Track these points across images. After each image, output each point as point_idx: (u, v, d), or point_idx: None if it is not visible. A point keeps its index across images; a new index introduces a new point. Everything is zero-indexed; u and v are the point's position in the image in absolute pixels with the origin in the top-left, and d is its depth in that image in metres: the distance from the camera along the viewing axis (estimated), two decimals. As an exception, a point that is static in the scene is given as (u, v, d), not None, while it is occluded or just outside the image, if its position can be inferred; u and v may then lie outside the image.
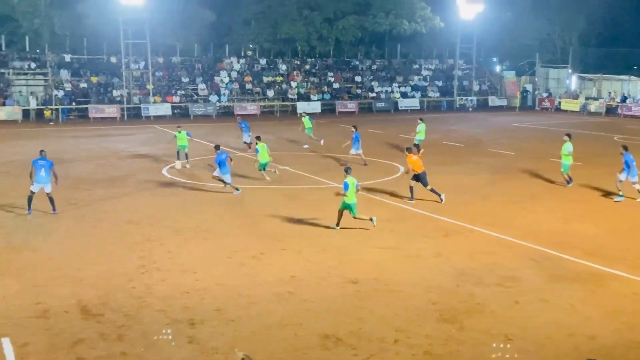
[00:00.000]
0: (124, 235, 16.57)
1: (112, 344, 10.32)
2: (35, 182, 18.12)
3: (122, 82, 50.78)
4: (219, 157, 21.08)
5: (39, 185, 18.19)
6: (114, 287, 12.73)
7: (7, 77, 49.29)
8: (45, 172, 18.20)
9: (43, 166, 18.25)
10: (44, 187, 18.25)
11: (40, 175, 18.12)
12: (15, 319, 11.22)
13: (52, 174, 18.37)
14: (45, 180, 18.19)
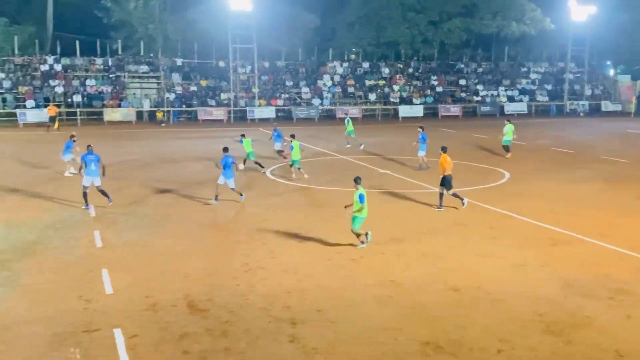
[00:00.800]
0: (228, 234, 17.05)
1: (216, 339, 10.63)
2: (86, 175, 19.25)
3: (229, 86, 52.33)
4: (225, 160, 19.93)
5: (89, 178, 19.27)
6: (219, 284, 13.11)
7: (122, 80, 51.94)
8: (95, 166, 19.30)
9: (92, 160, 19.35)
10: (94, 180, 19.33)
11: (91, 169, 19.26)
12: (127, 311, 11.77)
13: (101, 167, 19.45)
14: (95, 174, 19.33)
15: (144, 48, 55.28)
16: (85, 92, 49.83)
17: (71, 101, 48.65)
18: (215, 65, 55.86)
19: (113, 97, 49.82)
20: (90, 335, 10.74)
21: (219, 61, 55.68)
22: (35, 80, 49.94)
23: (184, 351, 10.20)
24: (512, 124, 30.70)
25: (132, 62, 54.11)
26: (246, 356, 10.10)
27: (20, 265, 14.29)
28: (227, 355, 10.12)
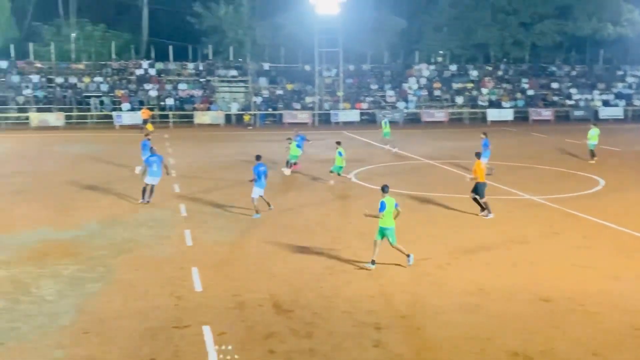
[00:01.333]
0: (313, 236, 17.16)
1: (301, 340, 10.72)
2: (149, 175, 20.33)
3: (314, 89, 52.78)
4: (257, 169, 18.96)
5: (153, 178, 20.37)
6: (304, 286, 13.22)
7: (212, 84, 53.35)
8: (157, 167, 20.32)
9: (155, 162, 20.33)
10: (154, 180, 20.38)
11: (153, 169, 20.29)
12: (215, 309, 12.05)
13: (163, 166, 20.66)
14: (158, 174, 20.53)
15: (233, 53, 56.58)
16: (177, 96, 51.49)
17: (164, 104, 50.37)
18: (301, 69, 56.49)
19: (203, 100, 51.23)
20: (180, 331, 11.06)
21: (304, 65, 56.26)
22: (131, 84, 52.00)
23: (269, 350, 10.33)
24: (598, 128, 29.50)
25: (222, 66, 55.48)
26: (330, 359, 10.12)
27: (115, 261, 14.89)
28: (311, 356, 10.19)
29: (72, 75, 51.68)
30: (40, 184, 24.39)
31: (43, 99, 48.86)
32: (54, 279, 13.63)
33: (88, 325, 11.31)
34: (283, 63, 57.23)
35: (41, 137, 40.24)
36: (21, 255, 15.32)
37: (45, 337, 10.83)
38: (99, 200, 21.49)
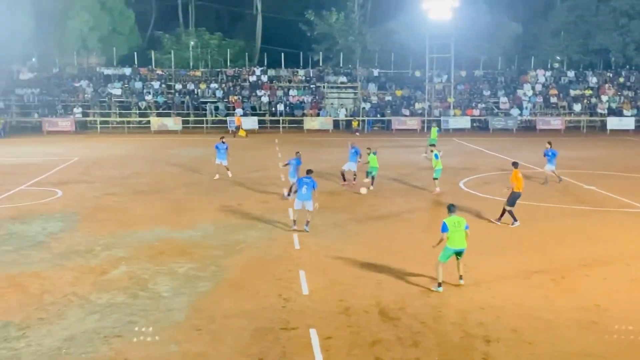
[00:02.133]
0: (421, 244, 16.94)
1: (407, 348, 10.61)
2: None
3: (424, 95, 52.26)
4: (301, 182, 18.06)
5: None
6: (411, 294, 13.09)
7: (322, 90, 54.00)
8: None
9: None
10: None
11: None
12: (322, 313, 12.16)
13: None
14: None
15: (343, 59, 57.07)
16: (287, 102, 52.53)
17: (275, 110, 51.54)
18: (411, 75, 56.11)
19: (312, 106, 51.96)
20: (288, 333, 11.24)
21: (414, 71, 55.84)
22: (244, 90, 53.58)
23: (375, 357, 10.30)
24: None
25: (332, 72, 56.07)
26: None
27: (226, 262, 15.36)
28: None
29: (190, 82, 53.92)
30: (158, 185, 25.57)
31: (163, 104, 51.25)
32: (170, 276, 14.24)
33: (200, 322, 11.73)
34: (393, 69, 57.09)
35: (160, 141, 42.22)
36: (140, 252, 16.12)
37: (160, 332, 11.33)
38: (212, 202, 22.25)
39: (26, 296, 13.08)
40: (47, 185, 25.43)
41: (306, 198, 17.77)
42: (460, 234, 13.22)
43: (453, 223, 13.26)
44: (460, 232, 13.21)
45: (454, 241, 13.21)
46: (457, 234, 13.19)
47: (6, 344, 10.82)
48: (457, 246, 13.25)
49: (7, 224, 18.96)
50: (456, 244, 13.24)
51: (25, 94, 50.56)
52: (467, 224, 13.41)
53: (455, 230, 13.17)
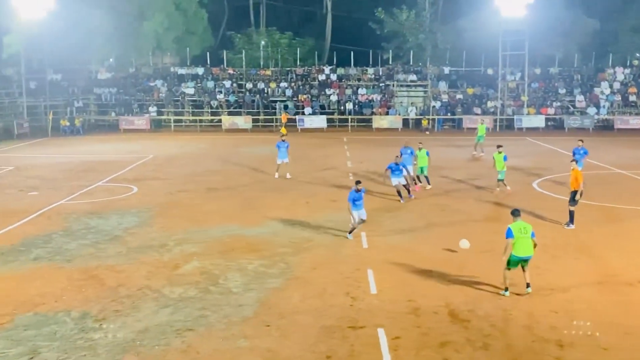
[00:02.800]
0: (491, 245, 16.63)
1: (477, 351, 10.44)
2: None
3: (496, 94, 51.22)
4: (352, 195, 16.84)
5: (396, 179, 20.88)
6: (481, 296, 12.87)
7: (391, 89, 53.70)
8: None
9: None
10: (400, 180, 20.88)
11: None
12: (390, 312, 12.10)
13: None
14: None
15: (413, 57, 56.57)
16: (356, 100, 52.46)
17: (343, 109, 51.57)
18: (483, 73, 55.05)
19: (382, 105, 51.72)
20: (355, 331, 11.24)
21: (487, 69, 54.76)
22: (313, 89, 53.84)
23: (444, 359, 10.18)
24: None
25: (401, 71, 55.66)
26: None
27: (295, 259, 15.49)
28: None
29: (260, 81, 54.60)
30: (228, 183, 26.01)
31: (234, 103, 52.10)
32: (240, 272, 14.47)
33: (269, 318, 11.87)
34: (464, 67, 56.16)
35: (231, 139, 42.95)
36: (211, 248, 16.46)
37: (231, 326, 11.53)
38: (280, 199, 22.47)
39: (103, 289, 13.56)
40: (123, 181, 26.27)
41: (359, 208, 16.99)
42: (526, 241, 12.55)
43: (519, 229, 12.59)
44: (526, 239, 12.55)
45: (520, 249, 12.53)
46: (523, 241, 12.53)
47: (84, 334, 11.24)
48: (523, 254, 12.58)
49: (85, 219, 19.70)
50: (522, 252, 12.57)
51: (103, 93, 52.36)
52: (533, 232, 12.71)
53: (521, 237, 12.51)
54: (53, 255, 16.03)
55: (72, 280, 14.11)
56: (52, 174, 28.22)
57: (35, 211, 20.75)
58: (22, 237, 17.65)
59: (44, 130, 45.51)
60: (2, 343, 10.86)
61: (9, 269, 14.98)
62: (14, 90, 49.62)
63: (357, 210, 16.98)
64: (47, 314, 12.12)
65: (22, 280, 14.10)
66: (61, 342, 10.90)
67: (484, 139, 33.96)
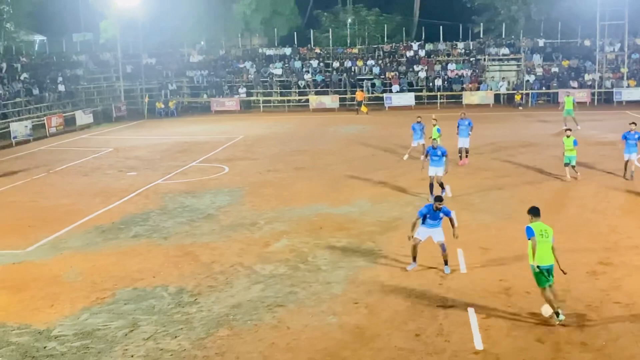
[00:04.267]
0: (587, 224, 16.06)
1: (572, 332, 10.15)
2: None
3: (594, 66, 48.96)
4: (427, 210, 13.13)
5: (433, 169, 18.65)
6: (576, 276, 12.43)
7: (482, 63, 52.33)
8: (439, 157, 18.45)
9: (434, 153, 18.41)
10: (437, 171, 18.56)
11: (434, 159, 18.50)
12: (480, 292, 11.92)
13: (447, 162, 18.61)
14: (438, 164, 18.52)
15: (505, 30, 54.84)
16: (446, 76, 51.48)
17: (432, 85, 50.74)
18: (579, 45, 52.69)
19: (472, 80, 50.52)
20: (445, 310, 11.15)
21: (584, 40, 52.37)
22: (401, 66, 53.21)
23: (537, 339, 9.95)
24: None
25: (493, 44, 54.08)
26: (603, 354, 9.44)
27: (382, 238, 15.49)
28: (583, 350, 9.60)
29: (347, 59, 54.47)
30: (316, 162, 26.23)
31: (321, 82, 52.29)
32: (329, 250, 14.62)
33: (357, 295, 11.95)
34: (559, 38, 53.93)
35: (318, 119, 43.21)
36: (300, 226, 16.70)
37: (320, 303, 11.70)
38: (367, 179, 22.45)
39: (197, 265, 14.04)
40: (215, 161, 26.99)
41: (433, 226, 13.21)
42: (547, 245, 10.54)
43: (539, 231, 10.62)
44: (547, 243, 10.54)
45: (541, 256, 10.48)
46: (543, 245, 10.51)
47: (180, 308, 11.71)
48: (545, 262, 10.51)
49: (180, 198, 20.41)
50: (544, 260, 10.50)
51: (195, 76, 53.76)
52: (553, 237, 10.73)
53: (541, 241, 10.51)
54: (151, 232, 16.73)
55: (168, 256, 14.69)
56: (148, 155, 29.36)
57: (133, 191, 21.68)
58: (122, 215, 18.51)
59: (140, 113, 47.32)
60: (105, 316, 11.48)
61: (110, 245, 15.76)
62: (112, 75, 51.80)
63: (428, 229, 13.08)
64: (146, 289, 12.69)
65: (122, 257, 14.81)
66: (159, 316, 11.40)
67: (573, 112, 32.82)
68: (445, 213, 13.02)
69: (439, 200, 12.91)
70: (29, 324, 11.18)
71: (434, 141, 19.07)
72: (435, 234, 13.02)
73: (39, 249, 15.68)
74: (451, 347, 9.83)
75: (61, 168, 26.73)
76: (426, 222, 12.99)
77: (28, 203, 20.70)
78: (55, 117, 39.57)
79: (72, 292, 12.70)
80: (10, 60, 47.57)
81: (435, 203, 12.87)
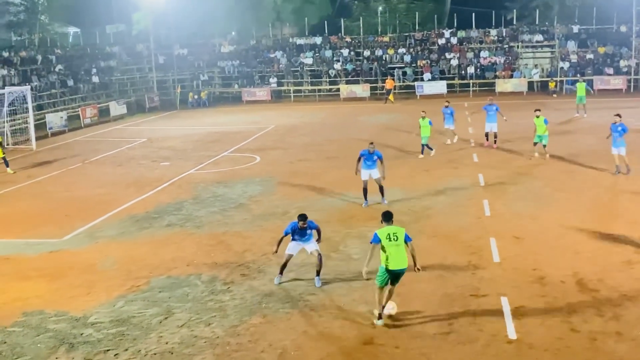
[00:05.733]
0: (624, 213, 15.80)
1: (607, 321, 10.01)
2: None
3: (630, 52, 47.93)
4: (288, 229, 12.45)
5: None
6: (612, 266, 12.27)
7: (515, 51, 51.60)
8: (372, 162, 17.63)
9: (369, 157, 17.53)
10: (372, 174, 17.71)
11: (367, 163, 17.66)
12: (513, 281, 11.82)
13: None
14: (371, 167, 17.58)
15: (539, 16, 53.98)
16: (478, 64, 50.87)
17: (464, 73, 50.21)
18: (615, 31, 51.61)
19: (505, 67, 49.87)
20: (477, 300, 11.09)
21: (620, 26, 51.27)
22: (432, 54, 52.72)
23: (571, 329, 9.85)
24: None
25: (527, 31, 53.26)
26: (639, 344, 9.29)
27: (415, 227, 15.39)
28: (618, 340, 9.47)
29: (378, 48, 54.17)
30: (346, 152, 26.14)
31: (352, 71, 52.11)
32: (359, 240, 14.61)
33: (389, 285, 11.92)
34: (594, 25, 52.91)
35: (349, 108, 43.10)
36: (331, 215, 16.73)
37: (351, 292, 11.72)
38: (400, 167, 22.33)
39: (230, 253, 14.17)
40: (247, 151, 27.14)
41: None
42: (397, 249, 10.21)
43: (386, 236, 10.25)
44: (396, 246, 10.23)
45: (392, 260, 10.17)
46: (392, 249, 10.19)
47: (213, 296, 11.84)
48: (394, 266, 10.19)
49: (212, 188, 20.58)
50: (393, 264, 10.18)
51: (226, 66, 54.00)
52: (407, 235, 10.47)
53: (390, 245, 10.20)
54: (184, 222, 16.92)
55: (201, 245, 14.85)
56: (181, 145, 29.64)
57: (167, 180, 21.93)
58: (156, 204, 18.74)
59: (172, 103, 47.75)
60: (140, 304, 11.66)
61: (144, 234, 15.99)
62: (144, 66, 52.32)
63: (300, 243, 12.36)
64: (180, 277, 12.85)
65: (156, 246, 15.01)
66: (193, 304, 11.54)
67: (585, 99, 33.06)
68: (313, 227, 12.45)
69: (302, 220, 12.09)
70: (66, 311, 11.41)
71: (370, 146, 17.94)
72: (308, 245, 12.39)
73: (74, 237, 15.98)
74: (484, 337, 9.78)
75: (96, 158, 27.15)
76: (295, 238, 12.36)
77: (64, 193, 21.08)
78: (90, 108, 40.17)
79: (107, 280, 12.92)
80: (45, 53, 48.39)
81: (300, 222, 12.08)
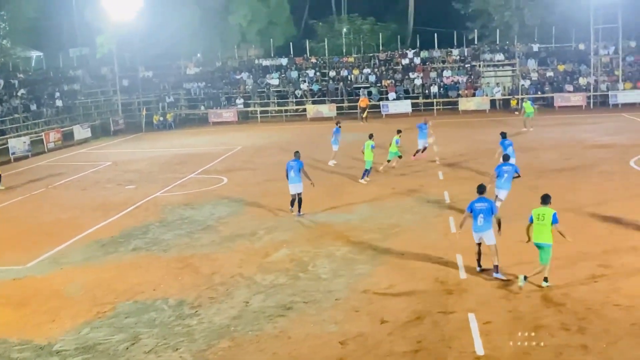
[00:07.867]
0: (586, 227, 16.10)
1: (572, 335, 10.18)
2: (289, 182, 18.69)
3: (589, 69, 49.15)
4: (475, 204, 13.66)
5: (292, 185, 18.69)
6: (576, 279, 12.50)
7: (477, 70, 52.51)
8: (295, 173, 18.56)
9: (293, 167, 18.63)
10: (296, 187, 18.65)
11: (291, 176, 18.63)
12: (480, 297, 11.97)
13: (303, 174, 18.64)
14: (296, 181, 18.55)
15: (499, 36, 55.05)
16: (441, 83, 51.63)
17: (428, 92, 50.89)
18: (574, 49, 52.92)
19: (468, 86, 50.68)
20: (446, 316, 11.18)
21: (578, 44, 52.60)
22: (397, 74, 53.36)
23: (538, 343, 9.97)
24: None
25: (488, 50, 54.28)
26: (605, 357, 9.48)
27: (383, 245, 15.53)
28: (584, 353, 9.62)
29: (343, 68, 54.64)
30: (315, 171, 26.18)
31: (318, 91, 52.41)
32: (328, 259, 14.65)
33: (358, 303, 11.98)
34: (554, 43, 54.15)
35: (316, 128, 43.27)
36: (300, 235, 16.75)
37: (321, 312, 11.72)
38: (367, 186, 22.50)
39: (198, 276, 14.07)
40: (214, 172, 27.04)
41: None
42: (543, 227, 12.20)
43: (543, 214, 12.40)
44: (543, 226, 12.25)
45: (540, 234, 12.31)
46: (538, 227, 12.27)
47: (181, 320, 11.73)
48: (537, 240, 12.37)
49: (179, 210, 20.44)
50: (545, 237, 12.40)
51: (192, 88, 53.88)
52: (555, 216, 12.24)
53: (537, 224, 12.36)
54: (150, 245, 16.76)
55: (168, 269, 14.72)
56: (147, 168, 29.41)
57: (132, 204, 21.72)
58: (122, 228, 18.53)
59: (138, 126, 47.38)
60: (106, 330, 11.49)
61: (110, 259, 15.79)
62: (109, 89, 51.92)
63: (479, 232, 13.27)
64: (146, 302, 12.71)
65: (122, 270, 14.84)
66: (160, 329, 11.41)
67: (533, 114, 35.70)
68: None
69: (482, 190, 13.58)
70: (31, 340, 11.19)
71: (296, 154, 19.00)
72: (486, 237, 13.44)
73: (39, 264, 15.71)
74: (452, 354, 9.86)
75: (60, 183, 26.78)
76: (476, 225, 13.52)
77: (28, 218, 20.74)
78: (53, 132, 39.65)
79: (73, 306, 12.72)
80: (7, 77, 47.71)
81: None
